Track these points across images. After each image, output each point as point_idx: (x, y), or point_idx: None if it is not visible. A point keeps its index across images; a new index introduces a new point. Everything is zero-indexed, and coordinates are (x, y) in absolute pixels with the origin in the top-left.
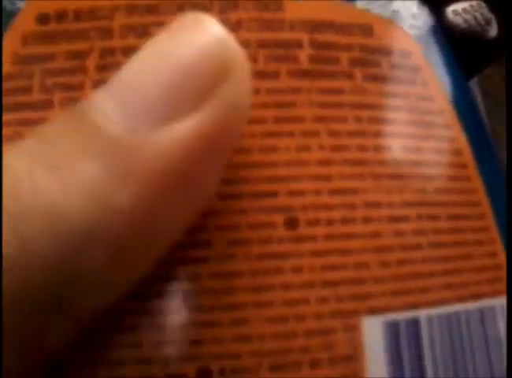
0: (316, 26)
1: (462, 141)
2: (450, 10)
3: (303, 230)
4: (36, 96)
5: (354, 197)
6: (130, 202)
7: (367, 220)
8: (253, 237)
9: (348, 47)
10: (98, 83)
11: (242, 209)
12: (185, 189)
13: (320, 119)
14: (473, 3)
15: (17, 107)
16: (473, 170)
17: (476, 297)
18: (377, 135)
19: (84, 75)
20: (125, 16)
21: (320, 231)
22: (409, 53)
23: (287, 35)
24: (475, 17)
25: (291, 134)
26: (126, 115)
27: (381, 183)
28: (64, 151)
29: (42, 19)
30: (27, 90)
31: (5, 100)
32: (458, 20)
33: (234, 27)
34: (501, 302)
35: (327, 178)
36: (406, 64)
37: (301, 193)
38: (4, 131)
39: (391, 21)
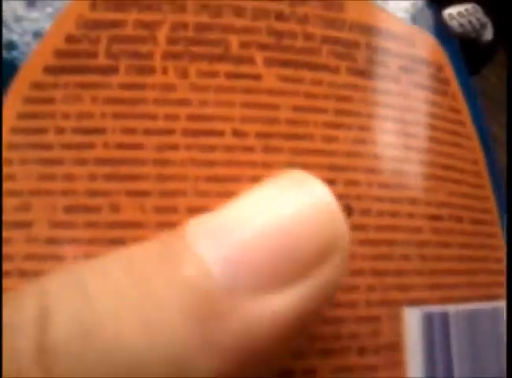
0: (370, 30)
1: (478, 151)
2: (446, 14)
3: (357, 219)
4: (101, 61)
5: (400, 192)
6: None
7: (410, 215)
8: None
9: (397, 54)
10: (167, 54)
11: None
12: (263, 365)
13: (373, 116)
14: (469, 7)
15: (79, 70)
16: (486, 179)
17: (491, 298)
18: (419, 137)
19: (154, 45)
20: None
21: (371, 221)
22: (442, 66)
23: (346, 35)
24: (470, 21)
25: (348, 126)
26: (227, 272)
27: (421, 181)
28: (153, 295)
29: None
30: (93, 54)
31: (66, 62)
32: (453, 24)
33: (301, 20)
34: (504, 305)
35: (378, 172)
36: (440, 76)
37: (355, 183)
38: (61, 94)
39: (426, 33)
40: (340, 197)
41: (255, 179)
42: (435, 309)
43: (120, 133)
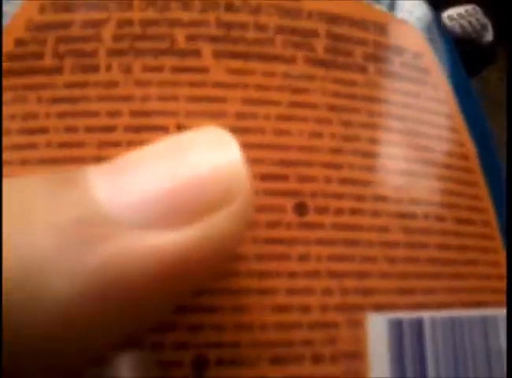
0: (332, 18)
1: (469, 146)
2: (446, 15)
3: (312, 217)
4: (47, 61)
5: (364, 188)
6: (67, 302)
7: (375, 213)
8: (261, 220)
9: (362, 42)
10: (112, 52)
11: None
12: (132, 309)
13: (333, 108)
14: (468, 8)
15: (26, 71)
16: (479, 176)
17: (479, 304)
18: (388, 130)
19: (99, 43)
20: None
21: (328, 219)
22: (420, 54)
23: (304, 24)
24: (470, 22)
25: (304, 119)
26: (112, 200)
27: (390, 177)
28: (24, 206)
29: None
30: (39, 55)
31: (14, 65)
32: (453, 26)
33: (253, 10)
34: (503, 313)
35: (337, 166)
36: (417, 65)
37: (311, 179)
38: (9, 97)
39: (404, 21)
40: (293, 193)
41: None
42: (406, 315)
43: (62, 132)
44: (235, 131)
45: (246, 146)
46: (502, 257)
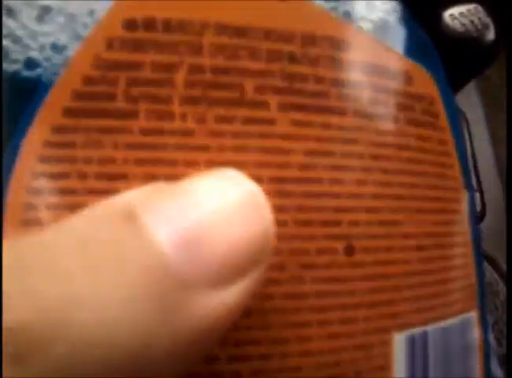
0: (373, 70)
1: (459, 179)
2: (448, 14)
3: (358, 257)
4: (121, 104)
5: (395, 228)
6: (168, 365)
7: (401, 249)
8: (319, 262)
9: (395, 92)
10: (185, 99)
11: (311, 235)
12: (201, 349)
13: (375, 157)
14: (470, 7)
15: (98, 113)
16: (463, 204)
17: (460, 312)
18: (412, 173)
19: (172, 89)
20: (214, 35)
21: (369, 258)
22: (433, 99)
23: (352, 76)
24: (472, 22)
25: (353, 169)
26: (186, 263)
27: (412, 216)
28: (106, 283)
29: (129, 24)
30: (111, 97)
31: (85, 105)
32: (455, 25)
33: (312, 62)
34: (473, 315)
35: (377, 210)
36: (431, 110)
37: (357, 223)
38: (82, 139)
39: (423, 69)
40: (344, 237)
41: None
42: (418, 330)
43: (142, 179)
44: (300, 181)
45: (309, 196)
46: (472, 269)
